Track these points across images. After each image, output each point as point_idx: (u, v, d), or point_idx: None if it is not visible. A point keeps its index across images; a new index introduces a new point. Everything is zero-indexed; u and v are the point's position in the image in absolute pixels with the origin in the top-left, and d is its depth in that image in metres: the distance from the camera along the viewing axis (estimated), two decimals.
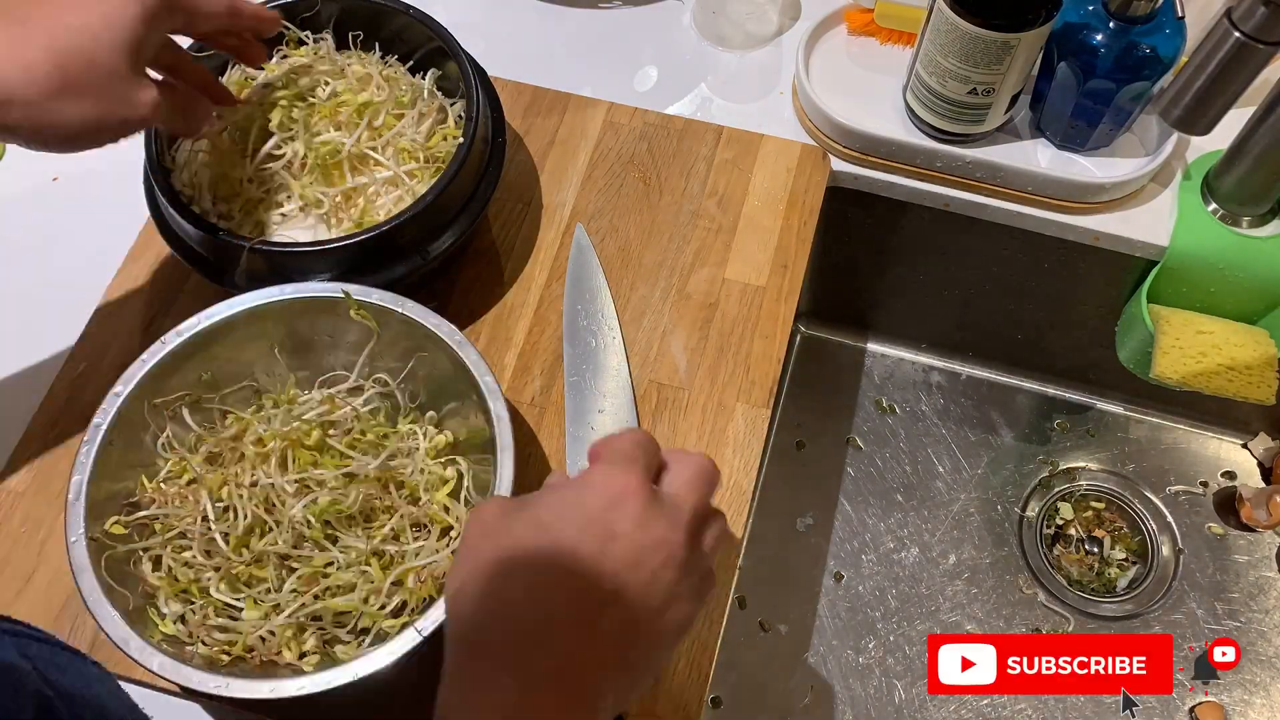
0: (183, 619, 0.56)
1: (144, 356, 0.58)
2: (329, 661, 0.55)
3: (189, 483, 0.60)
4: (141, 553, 0.57)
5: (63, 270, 0.75)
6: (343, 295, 0.60)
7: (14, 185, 0.79)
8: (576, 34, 0.85)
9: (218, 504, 0.58)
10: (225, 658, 0.55)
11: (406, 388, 0.63)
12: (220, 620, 0.56)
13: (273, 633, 0.56)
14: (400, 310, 0.60)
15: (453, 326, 0.59)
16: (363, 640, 0.57)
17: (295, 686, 0.51)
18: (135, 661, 0.51)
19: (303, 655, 0.56)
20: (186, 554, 0.58)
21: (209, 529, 0.58)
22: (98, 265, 0.73)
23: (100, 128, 0.52)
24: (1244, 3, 0.55)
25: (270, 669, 0.55)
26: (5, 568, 0.63)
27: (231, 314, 0.60)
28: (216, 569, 0.57)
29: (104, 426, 0.56)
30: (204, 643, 0.55)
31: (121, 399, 0.57)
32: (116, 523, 0.56)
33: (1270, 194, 0.72)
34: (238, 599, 0.57)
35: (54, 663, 0.37)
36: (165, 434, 0.60)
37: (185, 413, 0.61)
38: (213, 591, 0.57)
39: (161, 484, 0.59)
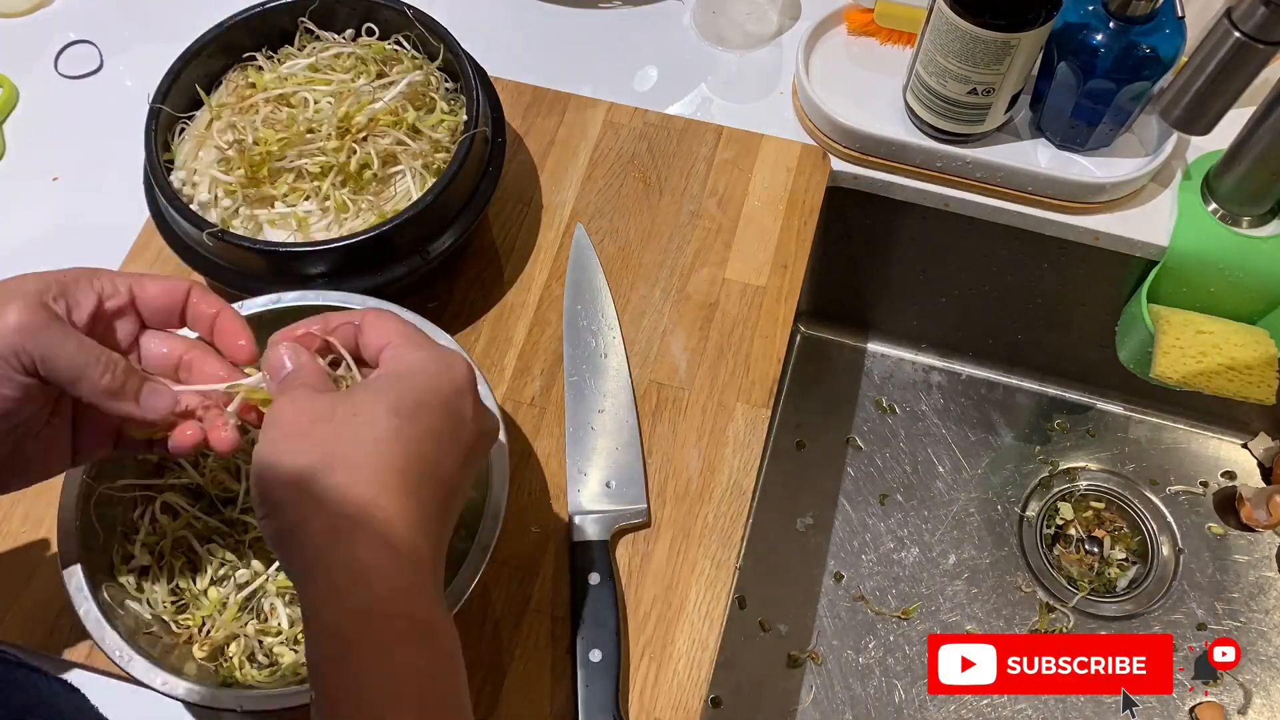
0: (144, 573, 0.57)
1: None
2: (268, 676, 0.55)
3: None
4: (138, 492, 0.58)
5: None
6: (350, 306, 0.60)
7: (14, 185, 0.79)
8: (576, 34, 0.85)
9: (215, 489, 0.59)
10: (160, 628, 0.56)
11: None
12: (179, 583, 0.57)
13: (209, 617, 0.57)
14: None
15: (457, 345, 0.59)
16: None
17: (184, 689, 0.51)
18: (68, 596, 0.52)
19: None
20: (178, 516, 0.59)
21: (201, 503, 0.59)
22: (98, 265, 0.73)
23: None
24: (1244, 3, 0.55)
25: (186, 658, 0.55)
26: (5, 567, 0.63)
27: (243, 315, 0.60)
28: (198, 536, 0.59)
29: None
30: (149, 603, 0.56)
31: None
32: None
33: (1270, 194, 0.72)
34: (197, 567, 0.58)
35: (7, 680, 0.37)
36: None
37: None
38: (196, 547, 0.58)
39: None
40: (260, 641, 0.57)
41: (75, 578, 0.53)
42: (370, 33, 0.71)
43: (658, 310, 0.71)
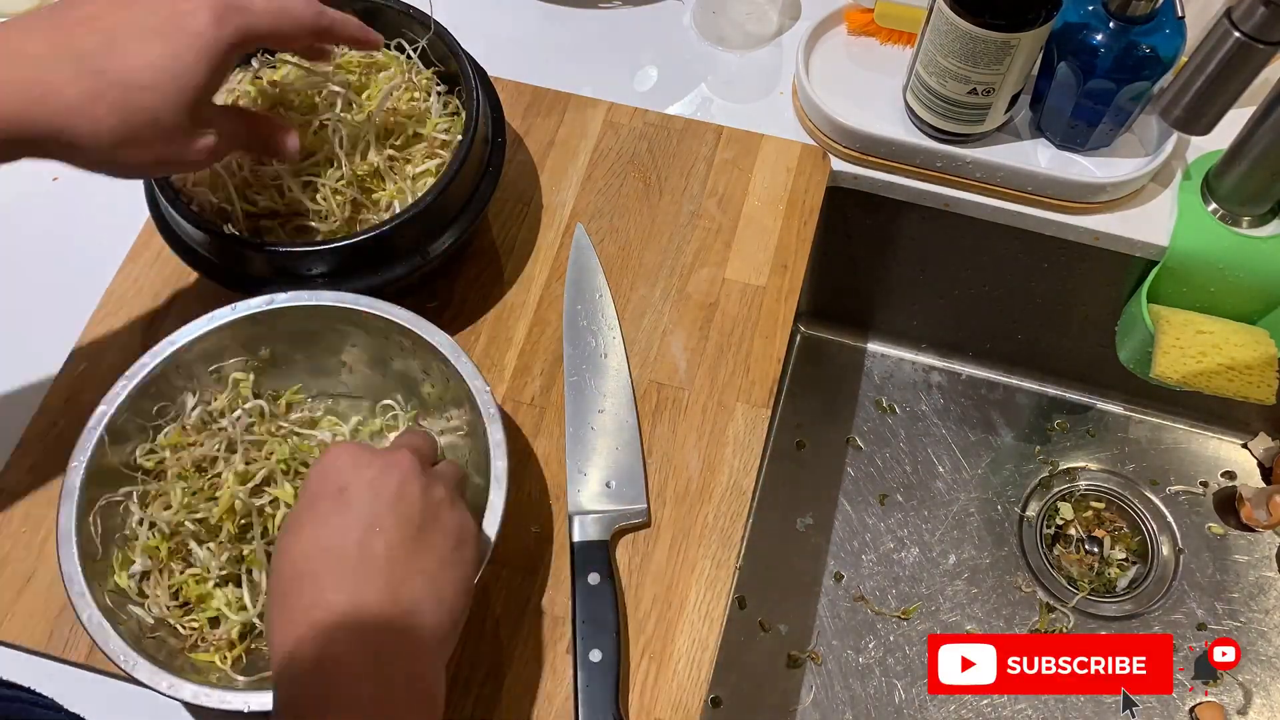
0: (145, 577, 0.57)
1: (152, 351, 0.59)
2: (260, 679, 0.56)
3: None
4: (136, 497, 0.58)
5: (63, 270, 0.75)
6: (345, 306, 0.60)
7: (14, 185, 0.79)
8: (576, 34, 0.85)
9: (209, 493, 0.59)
10: (165, 632, 0.56)
11: (413, 403, 0.64)
12: (181, 579, 0.57)
13: (215, 620, 0.57)
14: (403, 323, 0.60)
15: (459, 348, 0.59)
16: None
17: (190, 691, 0.51)
18: (70, 602, 0.52)
19: (235, 661, 0.56)
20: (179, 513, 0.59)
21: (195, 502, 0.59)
22: (98, 265, 0.73)
23: (160, 168, 0.58)
24: (1244, 3, 0.55)
25: (190, 661, 0.56)
26: (5, 568, 0.63)
27: (235, 318, 0.60)
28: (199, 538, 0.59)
29: (124, 392, 0.58)
30: (154, 608, 0.56)
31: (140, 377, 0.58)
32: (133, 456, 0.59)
33: (1270, 194, 0.72)
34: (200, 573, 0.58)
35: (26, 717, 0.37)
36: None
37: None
38: (195, 549, 0.58)
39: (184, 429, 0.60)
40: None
41: (76, 583, 0.53)
42: None
43: (658, 310, 0.71)
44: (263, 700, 0.51)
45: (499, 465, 0.56)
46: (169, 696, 0.51)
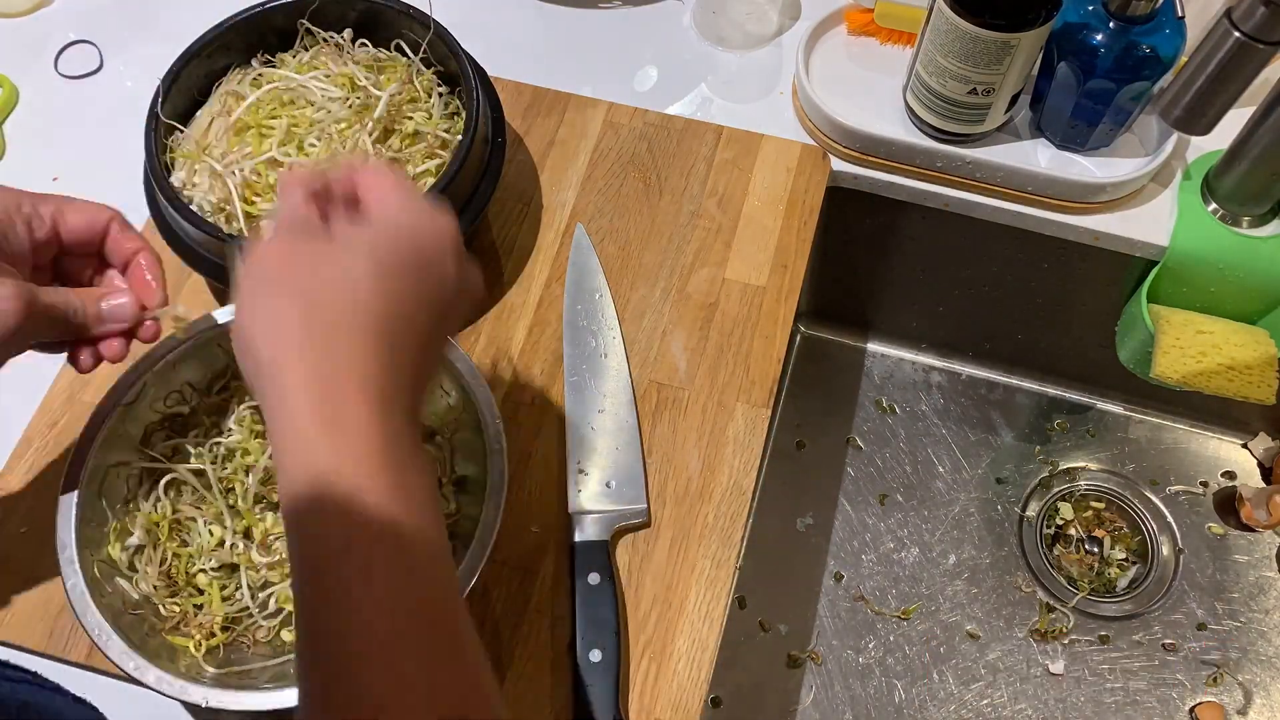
0: (139, 551, 0.57)
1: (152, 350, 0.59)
2: (235, 673, 0.56)
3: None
4: (145, 474, 0.59)
5: None
6: None
7: (14, 185, 0.79)
8: (576, 34, 0.85)
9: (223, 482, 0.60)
10: (148, 610, 0.56)
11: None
12: (172, 566, 0.58)
13: (199, 607, 0.57)
14: None
15: (473, 364, 0.59)
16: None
17: (154, 676, 0.51)
18: (60, 567, 0.52)
19: (212, 651, 0.57)
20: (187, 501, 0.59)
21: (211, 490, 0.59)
22: None
23: None
24: (1244, 3, 0.55)
25: (166, 643, 0.56)
26: (5, 568, 0.63)
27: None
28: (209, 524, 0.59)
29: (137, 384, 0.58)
30: (142, 584, 0.56)
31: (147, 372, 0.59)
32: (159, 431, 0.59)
33: (1270, 194, 0.72)
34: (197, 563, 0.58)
35: (32, 703, 0.37)
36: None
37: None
38: (202, 529, 0.58)
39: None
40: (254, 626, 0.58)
41: (68, 549, 0.53)
42: (370, 33, 0.71)
43: (658, 310, 0.71)
44: (223, 699, 0.51)
45: (497, 497, 0.56)
46: (133, 679, 0.51)
